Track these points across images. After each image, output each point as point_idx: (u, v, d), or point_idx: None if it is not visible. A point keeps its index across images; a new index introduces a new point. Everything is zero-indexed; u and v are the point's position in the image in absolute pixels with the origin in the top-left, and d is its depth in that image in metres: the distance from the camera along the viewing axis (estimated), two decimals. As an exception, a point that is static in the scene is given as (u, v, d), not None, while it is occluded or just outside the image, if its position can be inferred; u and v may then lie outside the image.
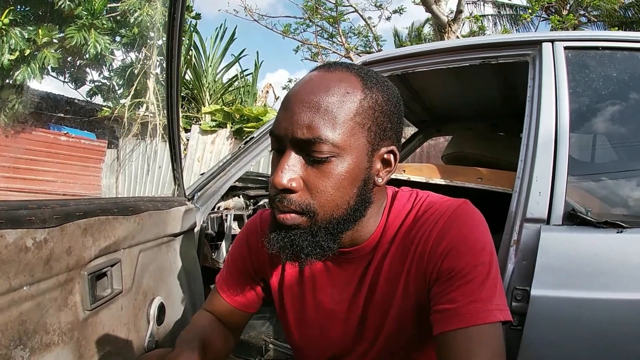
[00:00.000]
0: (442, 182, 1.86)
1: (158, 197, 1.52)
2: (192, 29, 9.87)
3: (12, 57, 7.56)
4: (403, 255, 0.85)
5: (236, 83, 12.19)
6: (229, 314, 1.04)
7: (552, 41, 1.49)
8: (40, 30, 7.74)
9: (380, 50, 11.81)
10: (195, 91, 10.70)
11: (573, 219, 1.27)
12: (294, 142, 0.74)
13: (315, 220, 0.76)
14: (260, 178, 2.55)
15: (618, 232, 1.21)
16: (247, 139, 1.77)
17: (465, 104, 2.69)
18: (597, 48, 1.48)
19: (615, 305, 1.16)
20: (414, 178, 1.91)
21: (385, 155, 0.81)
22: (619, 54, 1.49)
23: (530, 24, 11.77)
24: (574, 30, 8.53)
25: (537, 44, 1.51)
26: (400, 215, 0.88)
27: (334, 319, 0.93)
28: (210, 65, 10.72)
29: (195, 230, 1.72)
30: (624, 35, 1.48)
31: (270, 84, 12.11)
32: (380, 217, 0.88)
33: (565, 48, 1.47)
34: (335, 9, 11.72)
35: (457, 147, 2.44)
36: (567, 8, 10.99)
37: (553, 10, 10.94)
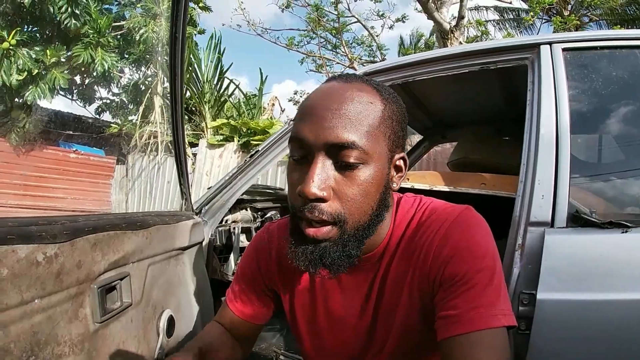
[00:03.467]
0: (446, 188, 1.86)
1: (166, 211, 1.54)
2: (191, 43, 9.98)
3: (21, 78, 7.68)
4: (407, 260, 0.86)
5: (236, 94, 12.25)
6: (239, 326, 1.06)
7: (550, 43, 1.49)
8: (48, 51, 7.87)
9: (384, 59, 11.86)
10: (196, 106, 10.81)
11: (577, 220, 1.26)
12: (326, 147, 0.75)
13: (345, 229, 0.77)
14: (267, 190, 2.57)
15: (623, 232, 1.20)
16: (253, 152, 1.79)
17: (469, 110, 2.70)
18: (595, 48, 1.47)
19: (622, 305, 1.16)
20: (418, 185, 1.92)
21: (398, 162, 0.84)
22: (618, 53, 1.49)
23: (532, 27, 11.78)
24: (576, 30, 8.51)
25: (535, 47, 1.51)
26: (404, 221, 0.89)
27: (345, 326, 0.94)
28: (207, 81, 10.80)
29: (204, 243, 1.74)
30: (622, 34, 1.48)
31: (276, 97, 12.19)
32: (390, 223, 0.89)
33: (564, 50, 1.47)
34: (337, 20, 11.81)
35: (462, 153, 2.45)
36: (569, 9, 10.98)
37: (554, 12, 10.94)
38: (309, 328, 0.99)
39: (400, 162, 0.85)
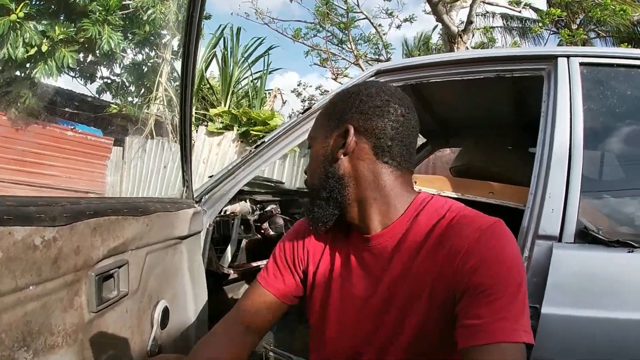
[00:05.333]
0: (453, 195, 1.84)
1: (167, 198, 1.51)
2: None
3: (30, 53, 7.59)
4: (433, 259, 0.85)
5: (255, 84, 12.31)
6: (262, 305, 1.05)
7: (568, 56, 1.48)
8: (56, 27, 7.77)
9: (389, 59, 11.81)
10: (220, 95, 10.88)
11: (585, 237, 1.26)
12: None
13: (311, 192, 0.98)
14: (266, 183, 2.54)
15: (629, 252, 1.20)
16: (259, 143, 1.75)
17: (475, 117, 2.68)
18: (612, 65, 1.47)
19: (625, 324, 1.15)
20: (425, 189, 1.89)
21: (339, 134, 0.94)
22: (634, 72, 1.48)
23: (539, 37, 11.76)
24: (583, 45, 8.50)
25: (552, 58, 1.50)
26: (432, 219, 0.89)
27: (353, 308, 0.95)
28: (238, 69, 10.89)
29: (202, 233, 1.70)
30: (639, 53, 1.47)
31: (278, 89, 12.15)
32: (407, 205, 0.92)
33: (581, 64, 1.46)
34: (346, 15, 11.73)
35: (466, 159, 2.43)
36: (577, 22, 10.94)
37: (563, 24, 10.91)
38: (322, 307, 1.01)
39: (341, 134, 0.94)
